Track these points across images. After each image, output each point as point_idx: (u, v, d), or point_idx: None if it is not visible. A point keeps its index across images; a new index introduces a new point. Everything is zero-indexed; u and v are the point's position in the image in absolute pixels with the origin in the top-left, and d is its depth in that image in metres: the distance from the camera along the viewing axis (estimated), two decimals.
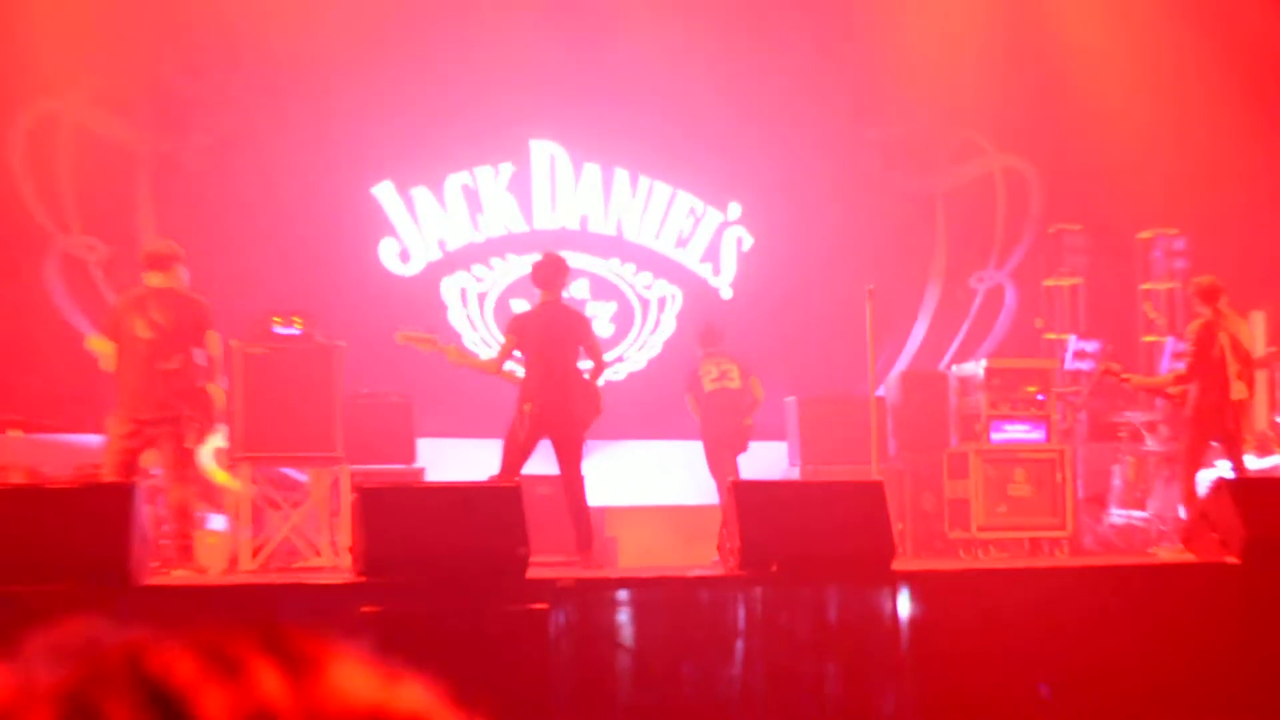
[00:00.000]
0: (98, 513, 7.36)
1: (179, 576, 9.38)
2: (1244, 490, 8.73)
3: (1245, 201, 15.44)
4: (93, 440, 11.86)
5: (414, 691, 0.77)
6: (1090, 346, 15.11)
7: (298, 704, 0.73)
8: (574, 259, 13.93)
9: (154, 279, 10.21)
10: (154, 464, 10.30)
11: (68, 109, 13.87)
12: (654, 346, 15.23)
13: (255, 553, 10.92)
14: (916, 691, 7.90)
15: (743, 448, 12.37)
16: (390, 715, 0.75)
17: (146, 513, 8.06)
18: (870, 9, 15.59)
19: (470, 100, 14.62)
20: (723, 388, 12.45)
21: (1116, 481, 13.83)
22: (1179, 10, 15.75)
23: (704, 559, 9.76)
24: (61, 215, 13.83)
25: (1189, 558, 8.99)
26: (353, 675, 0.76)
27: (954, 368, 14.45)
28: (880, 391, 13.68)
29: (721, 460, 12.26)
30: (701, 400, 12.53)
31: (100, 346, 10.26)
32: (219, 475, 11.29)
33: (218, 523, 11.12)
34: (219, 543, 10.87)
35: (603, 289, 15.17)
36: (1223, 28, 15.59)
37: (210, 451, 11.14)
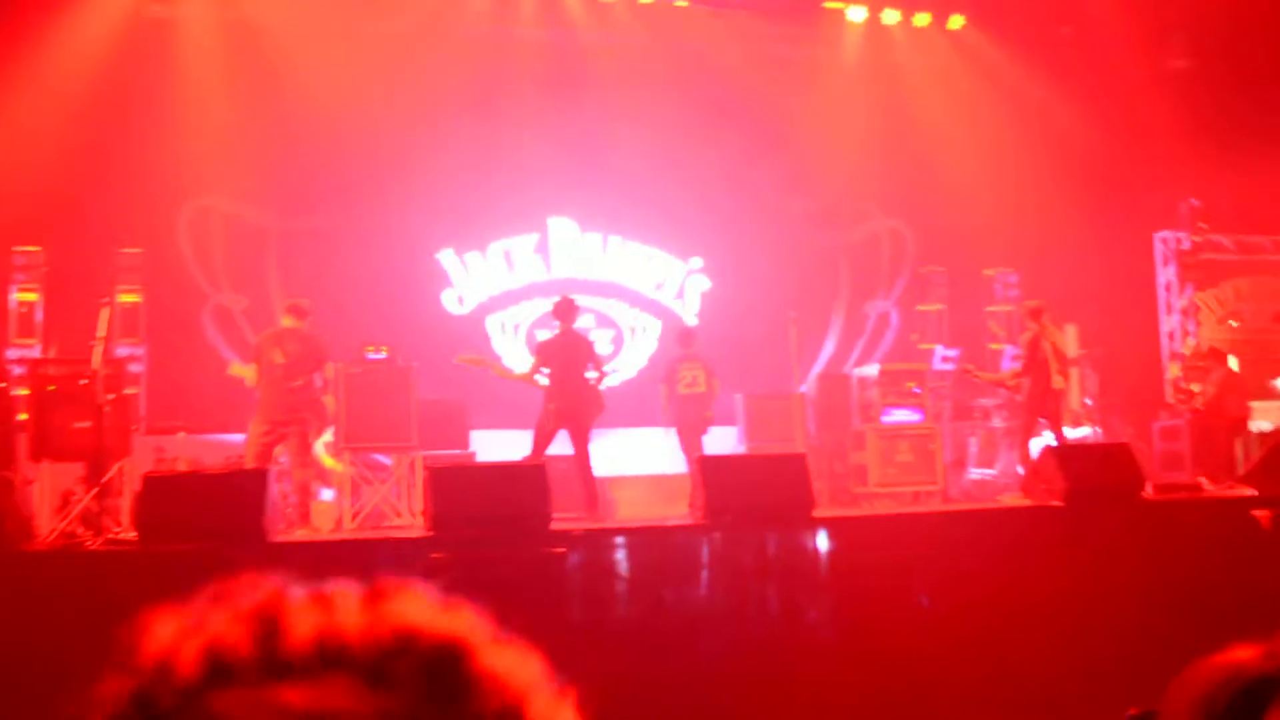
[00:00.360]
0: (241, 491, 7.28)
1: (300, 535, 9.29)
2: (1063, 454, 8.68)
3: (1059, 247, 15.44)
4: (235, 438, 11.80)
5: (459, 617, 0.76)
6: (952, 353, 15.05)
7: (361, 622, 0.75)
8: (581, 300, 13.88)
9: (287, 321, 10.14)
10: (281, 453, 10.22)
11: (217, 201, 13.85)
12: (640, 360, 15.17)
13: (354, 516, 10.83)
14: (832, 603, 7.83)
15: (705, 432, 12.25)
16: (430, 632, 0.75)
17: (276, 489, 7.96)
18: (795, 115, 15.54)
19: (506, 190, 14.60)
20: (693, 393, 12.27)
21: (972, 449, 13.80)
22: (1012, 111, 15.76)
23: (678, 512, 9.68)
24: (214, 277, 13.80)
25: (1026, 502, 8.93)
26: (410, 603, 0.76)
27: (855, 370, 14.38)
28: (803, 389, 13.66)
29: (690, 442, 12.13)
30: (675, 399, 12.35)
31: (241, 371, 10.18)
32: (328, 460, 11.21)
33: (327, 495, 11.03)
34: (328, 509, 10.78)
35: (603, 320, 15.10)
36: (1042, 124, 15.63)
37: (322, 443, 11.06)
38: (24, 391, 10.30)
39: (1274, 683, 1.27)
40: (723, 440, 13.05)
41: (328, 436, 10.93)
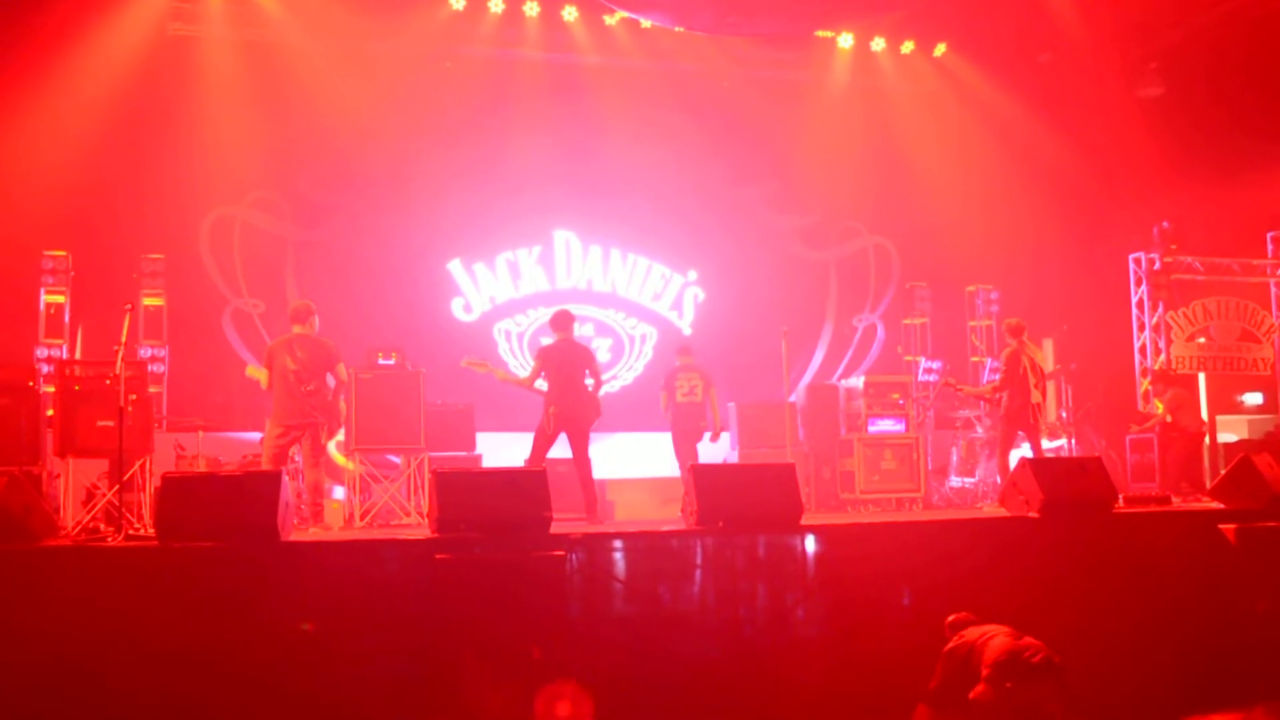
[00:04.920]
0: (256, 492, 7.16)
1: (312, 533, 9.24)
2: (1040, 466, 8.60)
3: (1038, 265, 15.44)
4: (251, 436, 11.78)
5: None
6: (935, 365, 15.05)
7: None
8: (582, 310, 13.93)
9: (297, 328, 10.09)
10: (296, 454, 10.16)
11: (238, 211, 13.87)
12: (638, 368, 15.14)
13: (364, 514, 10.79)
14: (819, 602, 7.78)
15: (699, 439, 12.18)
16: None
17: (290, 490, 7.90)
18: (787, 136, 15.57)
19: (511, 204, 14.61)
20: (690, 401, 12.20)
21: (954, 458, 13.77)
22: (993, 134, 15.79)
23: (673, 514, 9.63)
24: (234, 283, 13.78)
25: (1003, 512, 8.86)
26: None
27: (842, 381, 14.33)
28: (793, 398, 13.63)
29: (684, 449, 12.08)
30: (672, 406, 12.29)
31: (256, 374, 10.13)
32: (339, 459, 11.16)
33: (338, 492, 10.98)
34: (339, 508, 10.74)
35: (603, 330, 15.08)
36: (1022, 147, 15.65)
37: (335, 443, 11.02)
38: (51, 389, 10.28)
39: None
40: (716, 446, 13.01)
41: (340, 436, 10.88)
